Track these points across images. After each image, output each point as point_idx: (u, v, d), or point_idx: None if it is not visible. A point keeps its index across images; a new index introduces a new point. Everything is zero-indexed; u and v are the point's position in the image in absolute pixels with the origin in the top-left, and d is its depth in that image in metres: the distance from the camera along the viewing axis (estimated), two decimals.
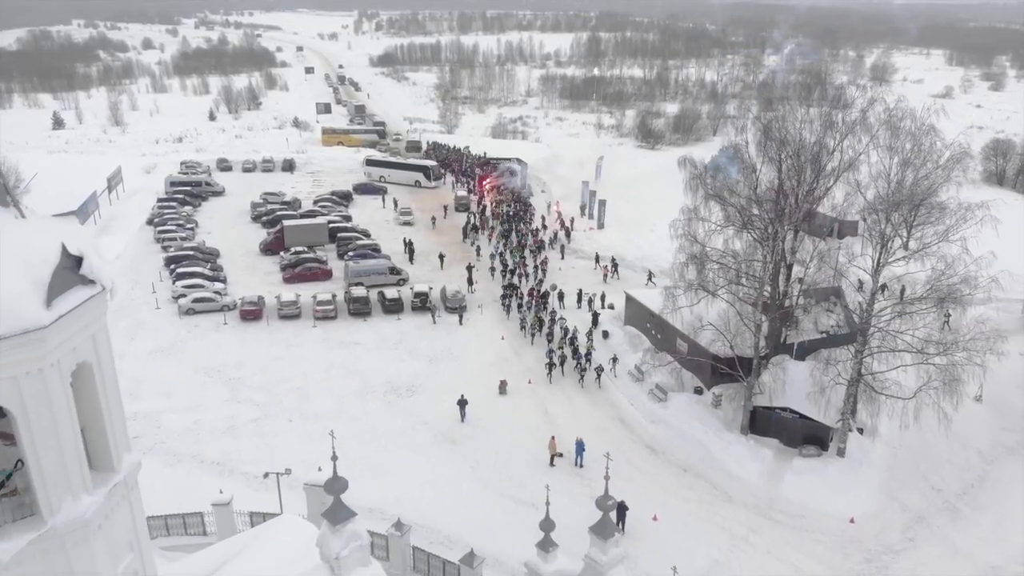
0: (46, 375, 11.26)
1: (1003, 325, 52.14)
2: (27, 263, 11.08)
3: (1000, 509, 33.58)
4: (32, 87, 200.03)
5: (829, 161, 38.32)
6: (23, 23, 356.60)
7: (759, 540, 30.79)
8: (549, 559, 21.52)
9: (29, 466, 11.62)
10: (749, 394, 37.30)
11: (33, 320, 10.81)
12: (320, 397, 41.19)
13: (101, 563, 12.54)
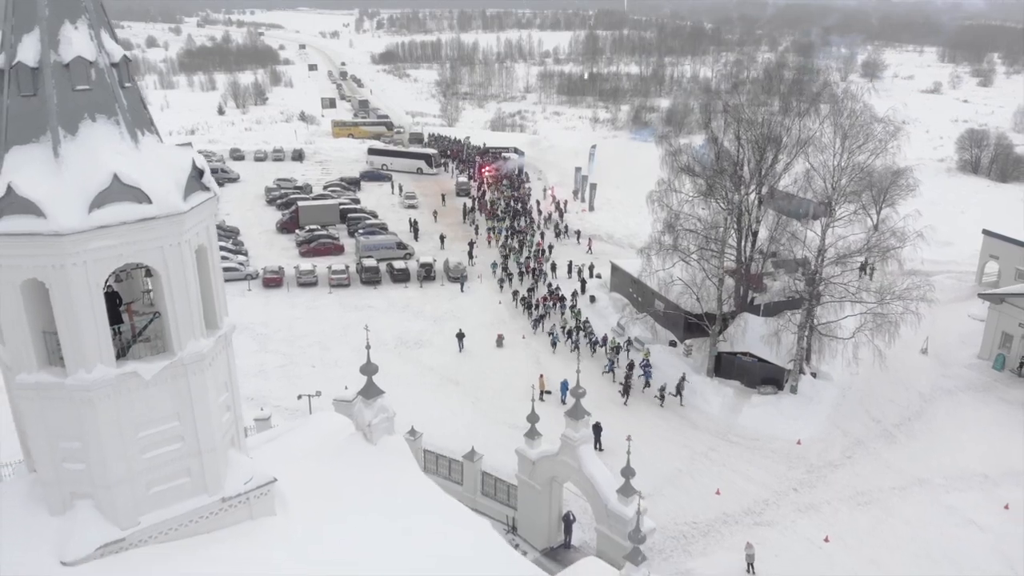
0: (181, 248, 16.46)
1: (957, 291, 57.89)
2: (171, 170, 16.27)
3: (931, 437, 38.79)
4: None
5: (787, 138, 43.45)
6: None
7: (717, 456, 36.10)
8: (534, 445, 26.97)
9: (166, 313, 16.81)
10: (714, 341, 42.57)
11: (176, 207, 16.00)
12: (338, 349, 46.41)
13: (209, 391, 17.72)
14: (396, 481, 22.16)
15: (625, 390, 40.97)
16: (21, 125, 15.26)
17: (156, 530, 17.50)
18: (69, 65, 15.14)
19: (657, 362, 44.39)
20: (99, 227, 15.06)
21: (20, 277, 15.39)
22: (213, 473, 17.99)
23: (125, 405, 16.41)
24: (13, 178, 14.67)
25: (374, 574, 18.22)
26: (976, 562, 29.68)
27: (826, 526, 31.32)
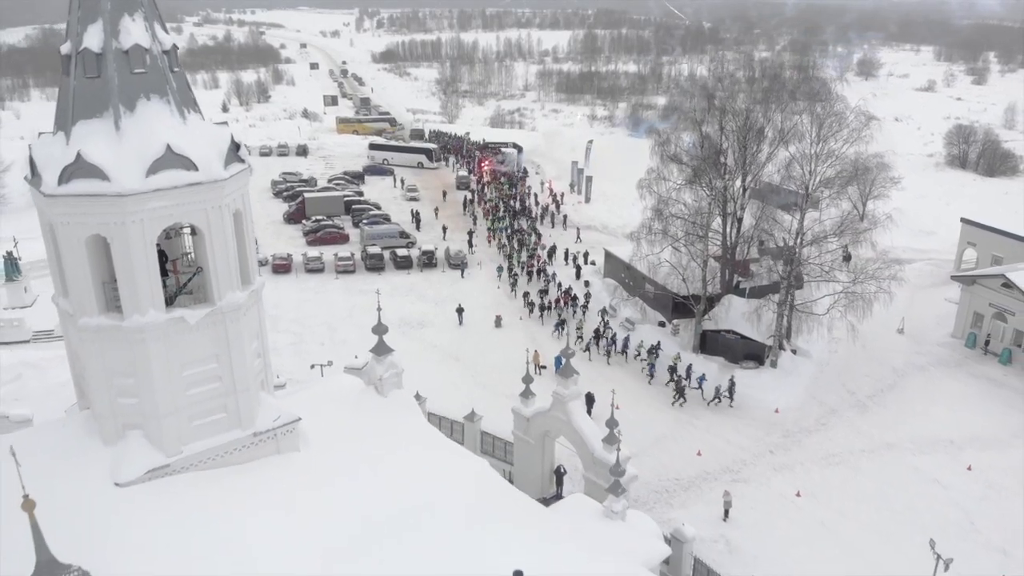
0: (222, 211, 19.06)
1: (936, 277, 60.43)
2: (213, 143, 18.87)
3: (902, 407, 41.38)
4: (45, 82, 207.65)
5: (769, 128, 45.99)
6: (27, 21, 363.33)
7: (699, 423, 38.74)
8: (528, 404, 29.55)
9: (207, 268, 19.41)
10: (699, 320, 45.18)
11: (218, 175, 18.60)
12: (345, 329, 49.00)
13: (244, 338, 20.30)
14: (405, 427, 24.74)
15: (679, 392, 40.62)
16: (86, 102, 17.87)
17: (197, 459, 20.10)
18: (128, 51, 17.76)
19: (647, 339, 46.96)
20: (155, 190, 17.70)
21: (85, 233, 18.02)
22: (246, 410, 20.60)
23: (172, 346, 19.02)
24: (82, 147, 17.29)
25: (386, 501, 20.77)
26: (935, 514, 32.26)
27: (798, 482, 33.94)
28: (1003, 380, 44.45)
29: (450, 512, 20.70)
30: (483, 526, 19.87)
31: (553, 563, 19.27)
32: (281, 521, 19.25)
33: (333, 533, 19.21)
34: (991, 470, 35.89)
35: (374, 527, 19.56)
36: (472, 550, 19.16)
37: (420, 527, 19.76)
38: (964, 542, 31.04)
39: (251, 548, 18.28)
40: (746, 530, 30.60)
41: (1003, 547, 31.02)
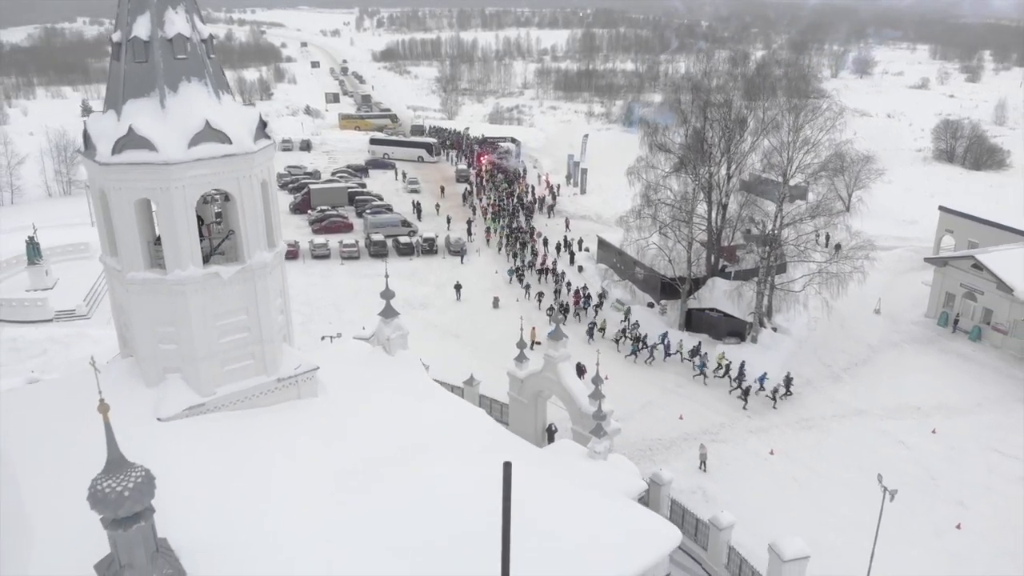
0: (252, 179, 21.78)
1: (914, 263, 63.08)
2: (244, 121, 21.58)
3: (875, 378, 44.09)
4: (49, 80, 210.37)
5: (752, 119, 48.67)
6: (28, 20, 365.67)
7: (682, 391, 41.51)
8: (522, 367, 32.27)
9: (238, 230, 22.12)
10: (684, 299, 47.92)
11: (249, 148, 21.32)
12: (351, 309, 51.69)
13: (270, 293, 23.00)
14: (410, 381, 27.48)
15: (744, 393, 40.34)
16: (135, 84, 20.59)
17: (228, 400, 22.84)
18: (172, 40, 20.48)
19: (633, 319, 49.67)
20: (195, 159, 20.44)
21: (134, 197, 20.77)
22: (271, 358, 23.34)
23: (208, 299, 21.76)
24: (133, 122, 20.02)
25: (393, 438, 23.46)
26: (899, 471, 34.81)
27: (772, 443, 36.67)
28: (971, 355, 47.18)
29: (449, 447, 23.41)
30: (478, 459, 22.51)
31: (544, 491, 21.95)
32: (300, 453, 21.92)
33: (344, 463, 21.83)
34: (954, 434, 38.63)
35: (381, 459, 22.21)
36: (467, 478, 21.80)
37: (422, 459, 22.43)
38: (924, 495, 33.84)
39: (273, 474, 20.97)
40: (722, 483, 33.30)
41: (961, 500, 33.74)
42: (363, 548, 18.85)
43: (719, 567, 26.90)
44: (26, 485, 19.41)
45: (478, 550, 17.76)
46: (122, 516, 15.51)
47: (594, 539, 20.15)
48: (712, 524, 26.72)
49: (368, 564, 18.37)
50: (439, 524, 19.56)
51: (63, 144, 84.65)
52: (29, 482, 19.48)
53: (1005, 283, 46.81)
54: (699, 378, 42.70)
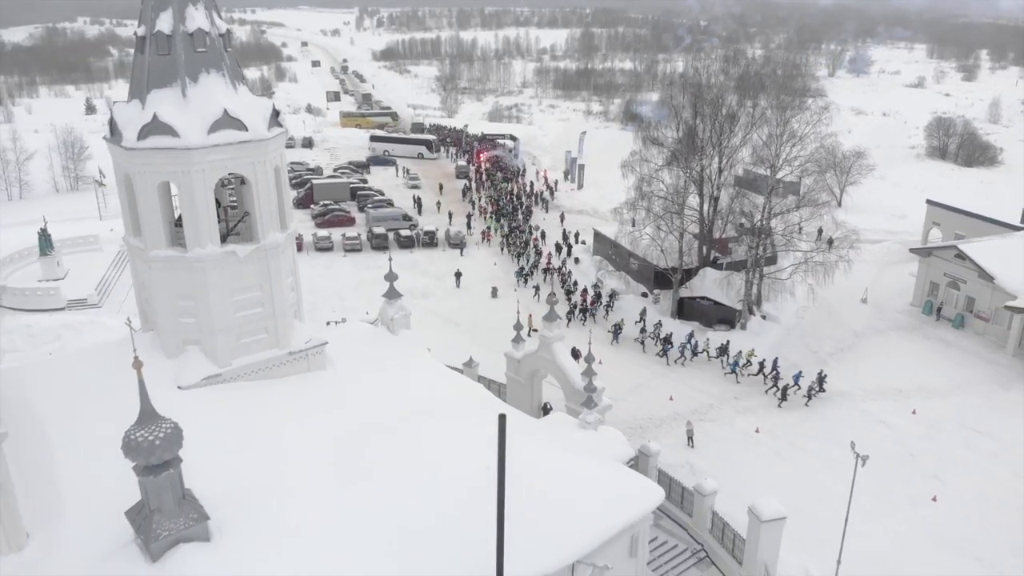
0: (266, 164, 23.42)
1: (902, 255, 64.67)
2: (258, 110, 23.23)
3: (859, 363, 45.73)
4: (52, 79, 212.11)
5: (741, 114, 50.26)
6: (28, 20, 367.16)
7: (673, 375, 43.20)
8: (519, 348, 33.86)
9: (253, 212, 23.77)
10: (676, 288, 49.58)
11: (263, 135, 22.97)
12: (354, 298, 53.35)
13: (282, 272, 24.64)
14: (412, 358, 29.12)
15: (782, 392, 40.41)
16: (158, 75, 22.23)
17: (243, 371, 24.50)
18: (192, 34, 22.14)
19: (628, 306, 51.31)
20: (214, 145, 22.09)
21: (157, 180, 22.43)
22: (283, 333, 25.01)
23: (225, 276, 23.41)
24: (157, 110, 21.66)
25: (395, 408, 25.06)
26: (879, 447, 36.26)
27: (758, 421, 38.33)
28: (954, 342, 48.86)
29: (449, 414, 25.03)
30: (476, 424, 24.11)
31: (538, 453, 23.58)
32: (310, 418, 23.54)
33: (352, 426, 23.39)
34: (933, 414, 40.29)
35: (386, 423, 23.79)
36: (465, 439, 23.32)
37: (423, 423, 24.03)
38: (902, 469, 35.53)
39: (285, 436, 22.57)
40: (709, 458, 34.94)
41: (937, 474, 35.41)
42: (368, 499, 20.46)
43: (703, 532, 28.53)
44: (58, 444, 21.02)
45: (475, 501, 19.44)
46: (153, 463, 17.17)
47: (583, 495, 21.79)
48: (696, 491, 28.36)
49: (370, 511, 19.97)
50: (438, 479, 21.17)
51: (70, 140, 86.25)
52: (61, 441, 21.09)
53: (986, 272, 48.47)
54: (731, 376, 42.93)
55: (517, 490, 19.17)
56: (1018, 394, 42.72)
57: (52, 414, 21.82)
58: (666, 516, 29.48)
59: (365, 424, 23.45)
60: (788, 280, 46.59)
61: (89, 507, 19.43)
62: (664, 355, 45.04)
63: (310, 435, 22.63)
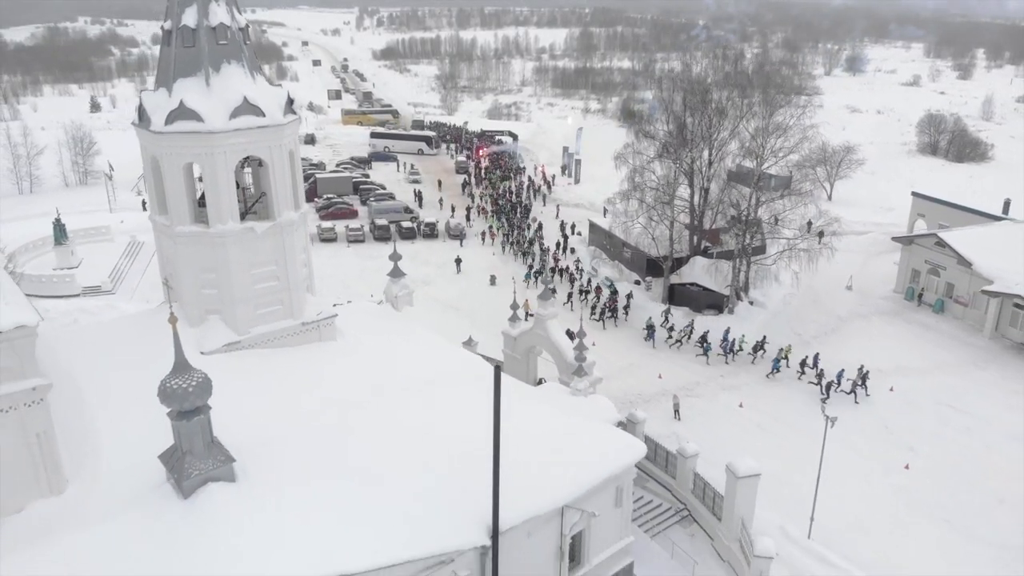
0: (282, 148, 25.49)
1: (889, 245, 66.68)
2: (275, 97, 25.30)
3: (841, 345, 47.70)
4: (55, 78, 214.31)
5: (730, 107, 52.31)
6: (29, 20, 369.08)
7: (663, 356, 45.31)
8: (516, 327, 35.93)
9: (270, 192, 25.85)
10: (667, 275, 51.69)
11: (279, 120, 25.05)
12: (358, 286, 55.35)
13: (296, 248, 26.72)
14: (415, 331, 31.21)
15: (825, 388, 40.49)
16: (184, 65, 24.31)
17: (260, 339, 26.60)
18: (215, 28, 24.22)
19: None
20: (235, 129, 24.17)
21: (183, 162, 24.51)
22: (297, 305, 27.12)
23: (244, 250, 25.50)
24: (183, 97, 23.73)
25: (400, 374, 27.11)
26: (856, 421, 38.70)
27: (742, 397, 40.40)
28: (934, 325, 50.96)
29: (449, 380, 27.10)
30: (474, 386, 26.15)
31: (531, 412, 25.66)
32: (321, 381, 25.62)
33: (360, 388, 25.44)
34: (911, 391, 42.35)
35: (391, 385, 25.86)
36: (462, 402, 25.34)
37: (425, 386, 26.10)
38: (878, 441, 37.64)
39: (300, 395, 24.62)
40: (694, 430, 36.95)
41: (912, 445, 37.48)
42: (375, 450, 22.49)
43: (686, 492, 30.57)
44: (92, 400, 23.06)
45: (473, 452, 21.50)
46: (186, 409, 19.23)
47: (572, 448, 23.86)
48: (679, 454, 30.40)
49: (378, 460, 21.98)
50: (439, 433, 23.24)
51: (79, 136, 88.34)
52: (95, 397, 23.13)
53: (965, 258, 50.53)
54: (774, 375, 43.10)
55: (511, 442, 21.27)
56: (993, 374, 44.83)
57: (85, 373, 23.84)
58: (651, 479, 31.54)
59: (373, 387, 25.51)
60: (773, 266, 48.67)
61: (123, 455, 21.46)
62: (705, 355, 45.03)
63: (322, 396, 24.67)
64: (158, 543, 18.66)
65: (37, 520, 20.62)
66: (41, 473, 20.71)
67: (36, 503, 20.82)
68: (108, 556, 18.42)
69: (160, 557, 18.44)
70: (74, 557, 18.59)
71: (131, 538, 18.86)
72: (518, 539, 21.77)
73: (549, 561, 23.45)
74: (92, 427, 22.44)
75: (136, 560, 18.33)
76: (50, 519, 20.51)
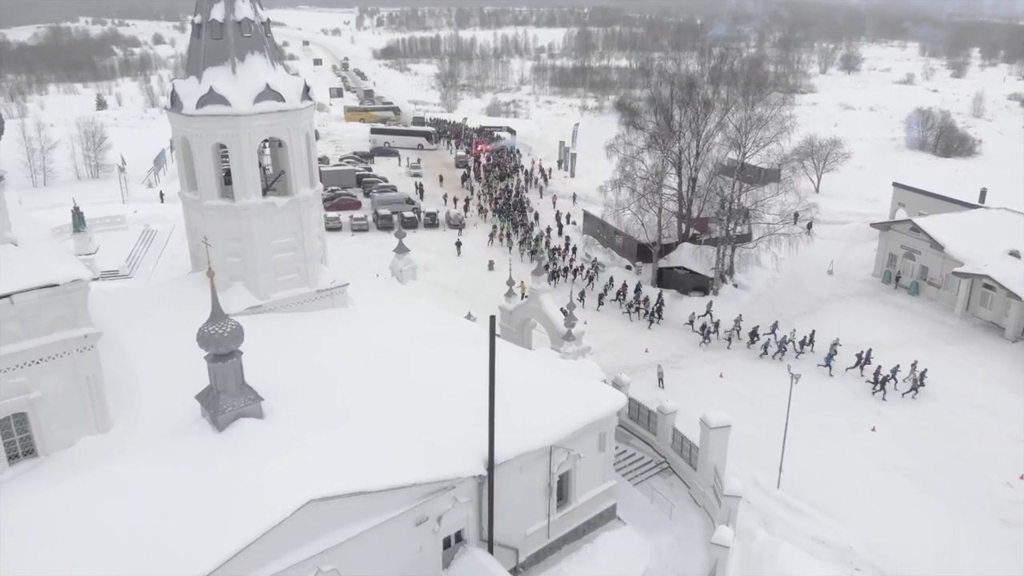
0: (300, 131, 28.35)
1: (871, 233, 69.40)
2: (293, 85, 28.17)
3: (819, 323, 50.32)
4: (59, 77, 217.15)
5: (716, 100, 55.24)
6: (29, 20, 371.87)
7: (650, 333, 48.30)
8: (511, 301, 38.73)
9: (289, 170, 28.71)
10: (656, 259, 54.59)
11: (298, 105, 27.92)
12: (362, 271, 57.78)
13: (312, 222, 29.57)
14: (420, 302, 34.06)
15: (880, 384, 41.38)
16: (212, 55, 27.15)
17: (279, 304, 29.44)
18: (240, 22, 27.06)
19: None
20: (258, 113, 27.02)
21: (212, 141, 27.35)
22: (312, 274, 29.96)
23: (266, 222, 28.34)
24: (212, 84, 26.58)
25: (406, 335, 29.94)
26: (828, 390, 41.65)
27: (722, 368, 43.32)
28: (908, 306, 53.85)
29: (452, 340, 29.97)
30: (473, 346, 29.03)
31: (524, 367, 28.52)
32: (335, 340, 28.44)
33: (370, 346, 28.30)
34: (882, 364, 45.14)
35: (397, 345, 28.72)
36: (464, 359, 28.18)
37: (428, 345, 28.96)
38: (846, 407, 40.52)
39: (315, 353, 27.43)
40: (677, 397, 39.39)
41: (879, 411, 40.36)
42: (384, 398, 25.35)
43: (666, 447, 33.42)
44: (133, 351, 25.90)
45: (471, 398, 24.36)
46: (221, 352, 22.08)
47: (560, 396, 26.73)
48: (659, 411, 33.27)
49: (387, 407, 24.84)
50: (441, 383, 26.12)
51: (91, 131, 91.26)
52: (135, 349, 25.97)
53: (937, 242, 53.43)
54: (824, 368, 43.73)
55: (505, 390, 24.18)
56: (961, 348, 47.73)
57: (125, 329, 26.67)
58: (634, 436, 34.42)
59: (382, 345, 28.37)
60: (755, 249, 51.57)
61: (161, 399, 24.32)
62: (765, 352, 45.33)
63: (336, 352, 27.52)
64: (197, 467, 21.48)
65: (86, 454, 23.49)
66: (90, 412, 23.57)
67: (85, 439, 23.69)
68: (152, 478, 21.24)
69: (199, 479, 21.27)
70: (122, 479, 21.42)
71: (172, 463, 21.68)
72: (511, 473, 24.64)
73: (540, 497, 26.33)
74: (133, 375, 25.27)
75: (177, 481, 21.16)
76: (97, 453, 23.38)
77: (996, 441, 38.08)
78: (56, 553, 19.30)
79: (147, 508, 20.25)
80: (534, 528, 26.44)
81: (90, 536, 19.84)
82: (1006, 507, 33.52)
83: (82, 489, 21.27)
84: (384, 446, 23.08)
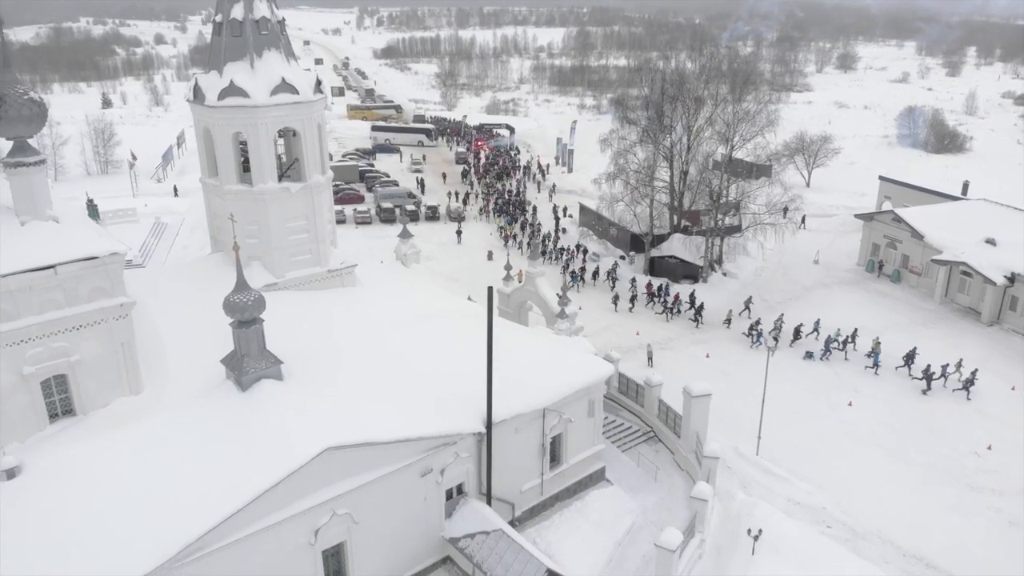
0: (313, 120, 30.70)
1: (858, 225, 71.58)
2: (306, 78, 30.51)
3: (803, 309, 52.82)
4: (62, 76, 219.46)
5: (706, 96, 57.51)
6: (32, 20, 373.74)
7: (640, 318, 50.64)
8: (509, 285, 41.03)
9: (302, 158, 31.03)
10: (648, 248, 56.93)
11: (311, 98, 30.27)
12: (366, 261, 59.82)
13: (323, 206, 31.87)
14: (423, 283, 36.42)
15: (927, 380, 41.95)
16: (232, 51, 29.47)
17: (292, 282, 31.79)
18: (258, 20, 29.39)
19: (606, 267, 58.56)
20: (275, 104, 29.36)
21: (231, 131, 29.70)
22: (323, 255, 32.31)
23: (281, 206, 30.69)
24: (232, 77, 28.92)
25: (411, 312, 32.27)
26: (810, 369, 44.01)
27: (709, 349, 45.68)
28: (890, 293, 56.21)
29: (454, 318, 32.31)
30: (474, 323, 31.34)
31: (520, 338, 30.85)
32: (346, 315, 30.77)
33: (373, 323, 30.59)
34: (862, 346, 47.46)
35: (403, 320, 31.05)
36: (465, 331, 30.52)
37: (431, 320, 31.29)
38: (825, 384, 42.88)
39: (327, 326, 29.71)
40: (666, 375, 41.53)
41: (856, 387, 42.70)
42: (392, 365, 27.66)
43: (652, 417, 35.74)
44: (161, 322, 28.22)
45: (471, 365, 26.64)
46: (245, 319, 24.40)
47: (552, 364, 29.07)
48: (646, 384, 35.61)
49: (394, 372, 27.16)
50: (443, 351, 28.44)
51: (100, 128, 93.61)
52: (163, 321, 28.29)
53: (917, 231, 55.77)
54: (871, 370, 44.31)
55: (502, 358, 26.49)
56: (938, 332, 50.09)
57: (152, 301, 28.99)
58: (623, 408, 36.75)
59: (389, 319, 30.71)
60: (742, 239, 53.93)
61: (188, 364, 26.62)
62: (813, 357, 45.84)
63: (347, 325, 29.84)
64: (223, 422, 23.78)
65: (120, 414, 25.80)
66: (124, 375, 25.90)
67: (119, 400, 26.01)
68: (183, 432, 23.52)
69: (225, 434, 23.56)
70: (155, 433, 23.71)
71: (200, 419, 23.98)
72: (508, 432, 26.97)
73: (534, 457, 28.65)
74: (161, 343, 27.59)
75: (206, 434, 23.45)
76: (131, 412, 25.70)
77: (968, 416, 40.44)
78: (98, 499, 21.51)
79: (179, 457, 22.52)
80: (529, 485, 28.75)
81: (127, 483, 22.07)
82: (973, 474, 35.85)
83: (120, 442, 23.56)
84: (392, 404, 25.39)
